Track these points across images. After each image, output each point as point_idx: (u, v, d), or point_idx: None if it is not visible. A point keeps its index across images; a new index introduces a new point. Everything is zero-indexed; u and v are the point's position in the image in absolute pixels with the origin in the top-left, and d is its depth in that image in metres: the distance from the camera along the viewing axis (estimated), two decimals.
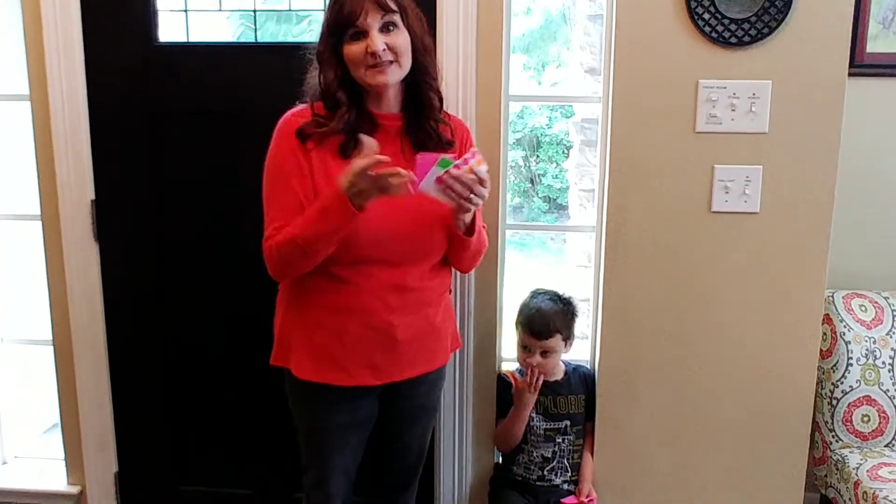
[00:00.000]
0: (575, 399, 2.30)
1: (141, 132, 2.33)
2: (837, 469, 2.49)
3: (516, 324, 2.27)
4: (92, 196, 2.36)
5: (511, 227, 2.41)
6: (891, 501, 2.18)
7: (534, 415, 2.26)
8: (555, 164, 5.50)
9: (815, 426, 2.56)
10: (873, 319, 2.57)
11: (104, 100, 2.31)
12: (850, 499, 2.39)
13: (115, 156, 2.34)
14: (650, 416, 2.31)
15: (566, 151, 5.28)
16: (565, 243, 4.52)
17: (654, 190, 2.17)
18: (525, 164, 5.70)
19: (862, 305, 2.59)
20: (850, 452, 2.49)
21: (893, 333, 2.55)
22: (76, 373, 2.45)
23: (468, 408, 2.35)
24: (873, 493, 2.26)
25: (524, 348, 2.24)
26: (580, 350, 2.44)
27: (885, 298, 2.61)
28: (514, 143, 4.65)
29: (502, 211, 2.27)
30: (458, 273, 2.21)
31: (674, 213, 2.18)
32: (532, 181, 5.47)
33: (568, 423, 2.28)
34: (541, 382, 2.19)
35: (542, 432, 2.27)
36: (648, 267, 2.22)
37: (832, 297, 2.58)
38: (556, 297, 2.27)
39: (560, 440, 2.27)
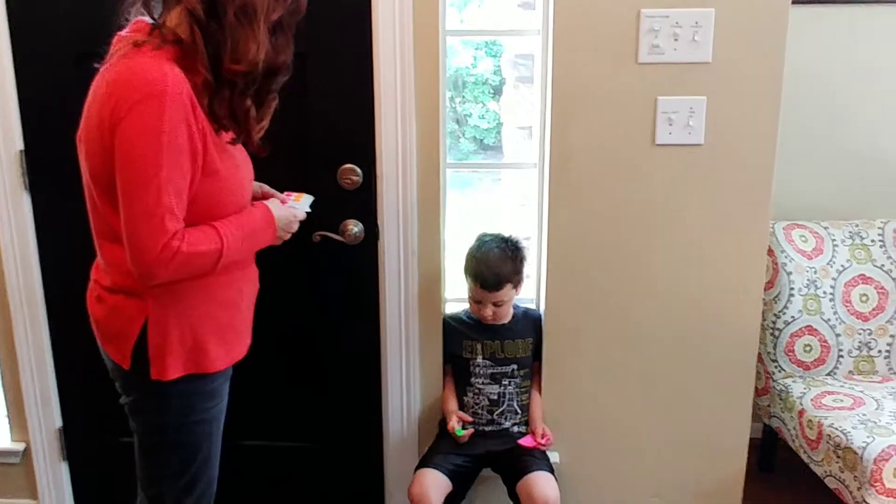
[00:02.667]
0: (523, 343, 2.26)
1: (70, 76, 2.22)
2: (781, 399, 2.54)
3: (465, 274, 2.21)
4: (20, 146, 2.26)
5: (451, 167, 2.34)
6: (836, 429, 2.22)
7: (480, 360, 2.24)
8: (481, 105, 5.51)
9: (758, 357, 2.59)
10: (814, 250, 2.60)
11: (29, 43, 2.19)
12: (794, 427, 2.44)
13: (45, 103, 2.23)
14: (597, 352, 2.29)
15: (492, 91, 5.29)
16: (499, 182, 4.52)
17: (596, 124, 2.12)
18: (451, 105, 5.70)
19: (802, 236, 2.62)
20: (793, 382, 2.54)
21: (834, 263, 2.59)
22: (13, 328, 2.37)
23: (414, 351, 2.32)
24: (818, 422, 2.30)
25: (476, 301, 2.20)
26: (525, 289, 2.42)
27: (825, 228, 2.64)
28: None
29: (442, 150, 2.19)
30: (400, 214, 2.19)
31: (617, 147, 2.13)
32: (458, 122, 5.46)
33: (515, 366, 2.24)
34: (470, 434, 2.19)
35: (488, 374, 2.24)
36: (592, 203, 2.17)
37: (773, 228, 2.59)
38: (504, 243, 2.20)
39: (506, 382, 2.23)
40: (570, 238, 2.21)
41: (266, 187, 1.79)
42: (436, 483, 2.07)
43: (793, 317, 2.54)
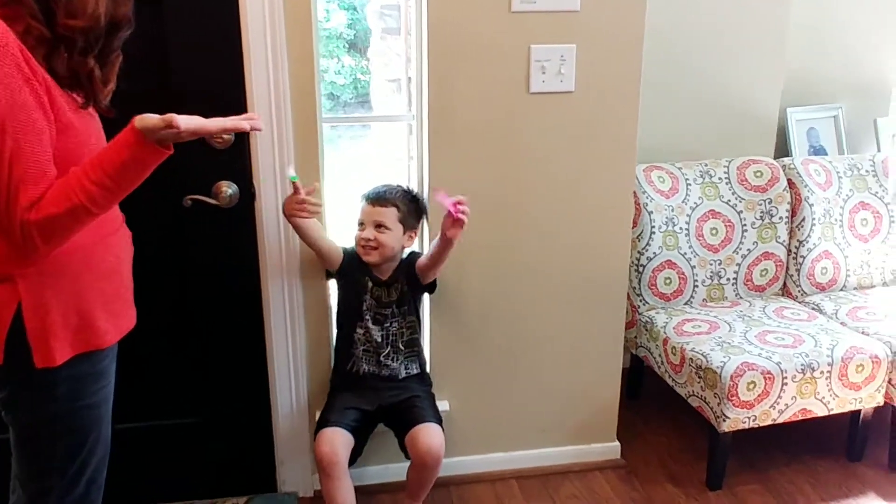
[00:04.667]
0: (397, 286, 2.20)
1: None
2: (647, 330, 2.71)
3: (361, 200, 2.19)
4: None
5: (328, 121, 2.28)
6: (696, 352, 2.41)
7: (367, 297, 2.18)
8: (336, 59, 5.38)
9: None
10: (670, 189, 2.76)
11: None
12: (660, 355, 2.61)
13: None
14: (480, 294, 2.34)
15: (346, 45, 5.19)
16: (364, 138, 4.45)
17: (474, 74, 2.13)
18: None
19: (660, 177, 2.77)
20: (657, 313, 2.71)
21: (688, 201, 2.76)
22: None
23: (299, 315, 2.23)
24: (681, 347, 2.48)
25: (360, 224, 2.16)
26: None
27: (679, 169, 2.81)
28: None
29: (318, 104, 2.13)
30: (277, 174, 2.10)
31: (494, 96, 2.16)
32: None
33: (394, 307, 2.20)
34: None
35: (372, 316, 2.19)
36: (472, 153, 2.19)
37: (635, 170, 2.73)
38: (406, 189, 2.22)
39: (388, 324, 2.20)
40: (450, 187, 2.21)
41: None
42: (342, 440, 2.06)
43: (654, 253, 2.70)
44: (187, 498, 2.33)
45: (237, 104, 2.02)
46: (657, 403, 2.89)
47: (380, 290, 2.19)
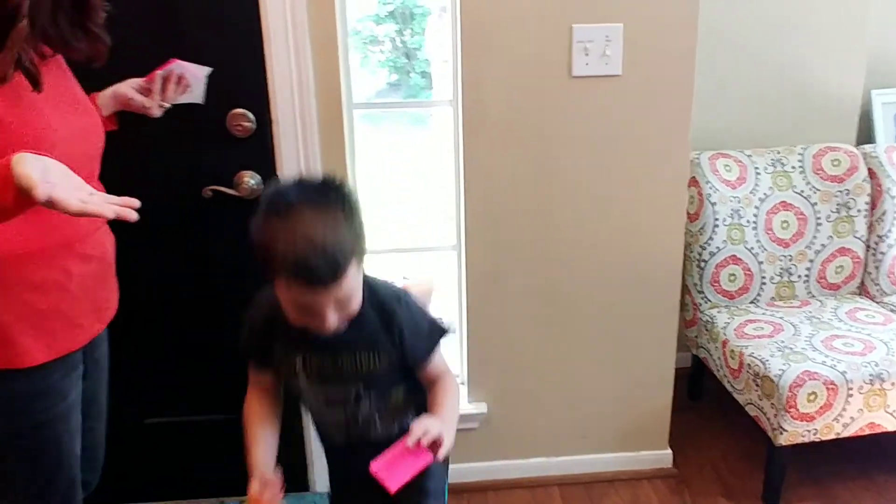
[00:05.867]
0: (368, 356, 1.41)
1: None
2: (707, 330, 2.52)
3: (271, 267, 1.27)
4: None
5: (359, 107, 2.17)
6: (755, 357, 2.22)
7: (303, 380, 1.44)
8: (393, 39, 5.35)
9: (686, 289, 2.56)
10: (738, 179, 2.55)
11: None
12: (719, 358, 2.43)
13: None
14: (519, 294, 2.21)
15: (401, 22, 5.11)
16: (430, 118, 4.32)
17: (510, 57, 1.99)
18: (399, 38, 5.46)
19: (727, 165, 2.56)
20: (718, 312, 2.52)
21: (757, 191, 2.54)
22: None
23: None
24: (739, 351, 2.29)
25: (301, 310, 1.29)
26: (446, 234, 2.31)
27: (749, 157, 2.59)
28: (386, 15, 4.52)
29: (345, 89, 2.02)
30: (301, 163, 2.01)
31: (532, 80, 2.02)
32: (408, 56, 5.23)
33: (361, 386, 1.43)
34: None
35: (320, 401, 1.48)
36: (509, 140, 2.06)
37: (698, 158, 2.53)
38: (319, 193, 1.27)
39: (355, 407, 1.46)
40: (488, 176, 2.10)
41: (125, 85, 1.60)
42: None
43: (718, 248, 2.50)
44: (218, 495, 2.31)
45: (257, 91, 1.95)
46: (718, 408, 2.69)
47: (319, 361, 1.45)
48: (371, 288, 1.39)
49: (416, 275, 2.25)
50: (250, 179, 1.99)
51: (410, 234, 3.55)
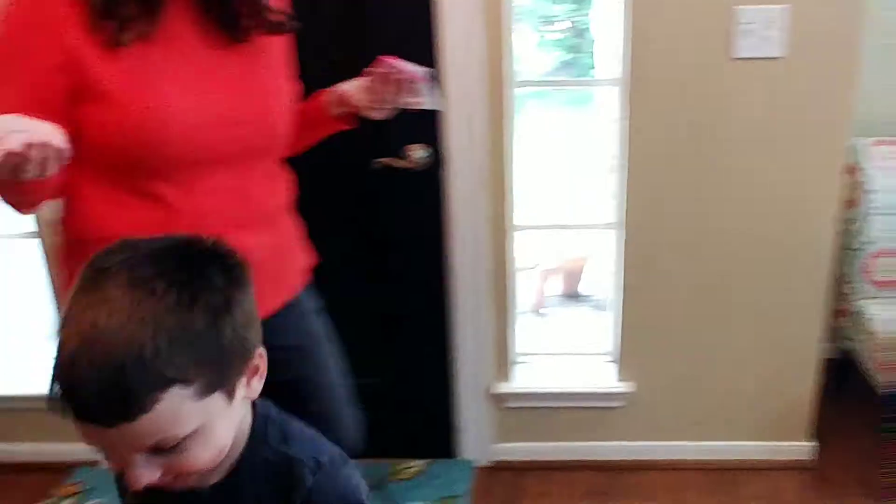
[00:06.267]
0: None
1: None
2: (856, 321, 2.46)
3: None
4: None
5: (523, 85, 2.22)
6: None
7: None
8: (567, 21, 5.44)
9: (839, 278, 2.50)
10: None
11: None
12: (867, 350, 2.37)
13: None
14: (676, 276, 2.24)
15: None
16: (593, 96, 4.33)
17: (672, 37, 2.02)
18: (571, 19, 5.58)
19: (892, 152, 2.48)
20: (870, 304, 2.45)
21: None
22: None
23: (484, 286, 2.24)
24: (888, 346, 2.23)
25: (97, 447, 0.80)
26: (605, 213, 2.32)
27: None
28: None
29: (506, 65, 2.08)
30: (473, 137, 2.08)
31: (692, 61, 2.03)
32: (580, 35, 5.33)
33: None
34: None
35: None
36: (670, 119, 2.09)
37: (859, 144, 2.46)
38: (163, 260, 0.79)
39: None
40: (648, 154, 2.13)
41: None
42: None
43: (874, 238, 2.44)
44: (364, 456, 2.42)
45: (429, 64, 2.02)
46: (868, 402, 2.61)
47: None
48: (280, 435, 0.93)
49: (569, 252, 2.30)
50: (420, 150, 2.09)
51: (569, 212, 3.61)
